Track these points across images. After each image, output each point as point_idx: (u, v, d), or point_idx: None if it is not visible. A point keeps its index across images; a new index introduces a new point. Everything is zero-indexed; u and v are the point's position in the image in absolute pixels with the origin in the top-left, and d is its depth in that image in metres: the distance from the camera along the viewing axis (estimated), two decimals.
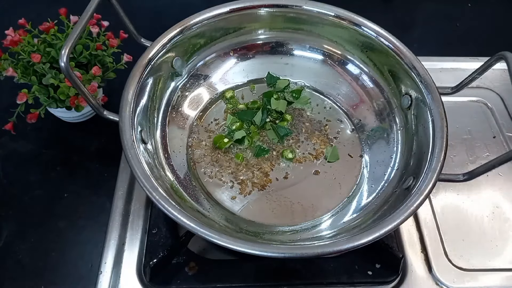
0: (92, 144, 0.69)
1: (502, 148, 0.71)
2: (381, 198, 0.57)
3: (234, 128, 0.65)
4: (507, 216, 0.64)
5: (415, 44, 0.61)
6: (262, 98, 0.69)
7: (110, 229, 0.60)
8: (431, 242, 0.60)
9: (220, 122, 0.67)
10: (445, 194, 0.65)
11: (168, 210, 0.45)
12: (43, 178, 0.65)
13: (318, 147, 0.65)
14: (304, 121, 0.68)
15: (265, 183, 0.61)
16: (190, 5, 0.74)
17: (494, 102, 0.77)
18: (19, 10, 0.87)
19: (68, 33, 0.64)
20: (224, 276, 0.56)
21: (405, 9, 0.95)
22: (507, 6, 0.96)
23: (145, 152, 0.53)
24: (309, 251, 0.44)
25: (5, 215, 0.61)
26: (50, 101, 0.61)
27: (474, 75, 0.56)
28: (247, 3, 0.64)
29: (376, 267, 0.57)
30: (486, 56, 0.54)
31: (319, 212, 0.59)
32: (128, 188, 0.63)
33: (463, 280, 0.58)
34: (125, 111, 0.52)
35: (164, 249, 0.56)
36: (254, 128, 0.65)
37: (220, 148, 0.63)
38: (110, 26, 0.67)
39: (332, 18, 0.64)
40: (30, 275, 0.57)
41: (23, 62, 0.61)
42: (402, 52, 0.60)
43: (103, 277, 0.56)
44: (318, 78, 0.71)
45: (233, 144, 0.64)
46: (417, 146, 0.57)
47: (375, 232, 0.45)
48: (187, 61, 0.66)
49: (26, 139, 0.69)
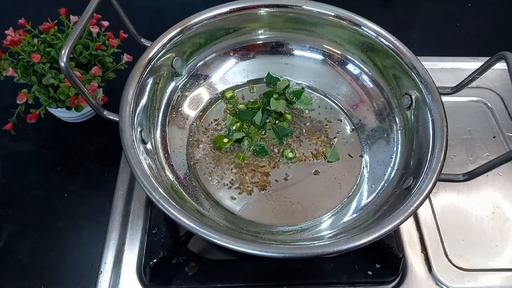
0: (92, 144, 0.69)
1: (502, 148, 0.71)
2: (381, 198, 0.57)
3: (234, 129, 0.65)
4: (507, 216, 0.64)
5: (415, 44, 0.61)
6: (262, 98, 0.69)
7: (110, 229, 0.60)
8: (431, 242, 0.60)
9: (220, 122, 0.67)
10: (445, 194, 0.65)
11: (168, 210, 0.45)
12: (43, 178, 0.65)
13: (318, 147, 0.65)
14: (304, 121, 0.68)
15: (265, 183, 0.61)
16: (190, 5, 0.74)
17: (494, 102, 0.77)
18: (19, 10, 0.87)
19: (68, 33, 0.64)
20: (224, 276, 0.56)
21: (405, 9, 0.95)
22: (507, 6, 0.96)
23: (145, 152, 0.53)
24: (309, 251, 0.44)
25: (5, 215, 0.61)
26: (50, 101, 0.61)
27: (474, 75, 0.56)
28: (247, 3, 0.64)
29: (376, 267, 0.57)
30: (486, 56, 0.54)
31: (319, 212, 0.59)
32: (128, 188, 0.63)
33: (463, 280, 0.58)
34: (125, 111, 0.52)
35: (164, 249, 0.56)
36: (254, 128, 0.65)
37: (220, 148, 0.63)
38: (110, 26, 0.67)
39: (332, 18, 0.64)
40: (30, 275, 0.57)
41: (23, 62, 0.61)
42: (402, 52, 0.60)
43: (103, 277, 0.56)
44: (318, 78, 0.71)
45: (233, 144, 0.64)
46: (417, 146, 0.57)
47: (375, 232, 0.45)
48: (187, 61, 0.66)
49: (26, 139, 0.69)
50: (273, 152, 0.64)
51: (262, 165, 0.62)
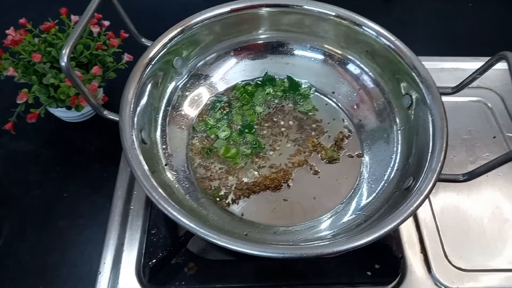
0: (92, 144, 0.69)
1: (502, 148, 0.71)
2: (381, 199, 0.57)
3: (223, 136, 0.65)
4: (507, 217, 0.64)
5: (415, 44, 0.61)
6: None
7: (110, 229, 0.59)
8: (431, 242, 0.60)
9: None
10: (445, 194, 0.65)
11: (168, 210, 0.45)
12: (43, 178, 0.65)
13: (318, 147, 0.65)
14: (304, 121, 0.68)
15: (266, 183, 0.61)
16: (191, 5, 0.74)
17: (495, 102, 0.77)
18: (20, 10, 0.87)
19: (69, 33, 0.64)
20: (224, 277, 0.56)
21: (405, 9, 0.95)
22: (507, 6, 0.96)
23: (145, 152, 0.53)
24: (309, 251, 0.44)
25: (5, 215, 0.61)
26: (51, 101, 0.61)
27: (474, 75, 0.56)
28: (248, 3, 0.64)
29: (375, 268, 0.57)
30: (487, 56, 0.54)
31: (319, 212, 0.59)
32: (127, 188, 0.63)
33: (463, 280, 0.58)
34: (125, 111, 0.52)
35: (164, 249, 0.56)
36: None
37: (233, 160, 0.62)
38: (110, 26, 0.67)
39: (332, 17, 0.64)
40: (30, 274, 0.57)
41: (23, 62, 0.61)
42: (402, 52, 0.60)
43: (102, 277, 0.56)
44: (319, 78, 0.71)
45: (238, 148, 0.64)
46: (417, 146, 0.57)
47: (374, 233, 0.45)
48: (188, 60, 0.66)
49: (26, 139, 0.69)
50: (273, 152, 0.64)
51: (262, 166, 0.62)
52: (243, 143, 0.64)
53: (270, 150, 0.64)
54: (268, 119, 0.68)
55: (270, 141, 0.65)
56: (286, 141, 0.65)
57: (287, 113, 0.68)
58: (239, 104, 0.68)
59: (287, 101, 0.70)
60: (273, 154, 0.64)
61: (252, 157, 0.63)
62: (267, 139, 0.65)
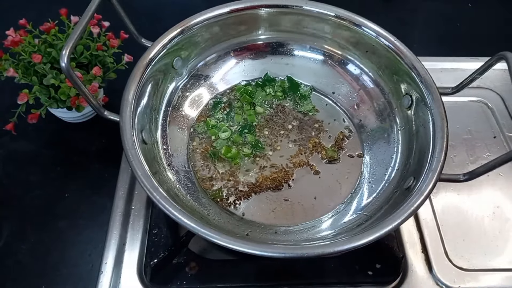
0: (93, 144, 0.69)
1: (503, 148, 0.71)
2: (382, 198, 0.57)
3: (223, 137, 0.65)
4: (508, 216, 0.64)
5: (415, 44, 0.61)
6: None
7: (111, 229, 0.59)
8: (432, 242, 0.60)
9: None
10: (445, 194, 0.65)
11: (169, 210, 0.45)
12: (43, 178, 0.65)
13: (318, 147, 0.65)
14: (304, 121, 0.68)
15: (266, 183, 0.61)
16: (191, 5, 0.74)
17: (495, 102, 0.77)
18: (20, 11, 0.87)
19: (69, 34, 0.64)
20: (225, 276, 0.56)
21: (405, 9, 0.95)
22: (507, 6, 0.96)
23: (145, 152, 0.53)
24: (309, 251, 0.44)
25: (5, 215, 0.61)
26: (51, 102, 0.61)
27: (474, 75, 0.56)
28: (247, 3, 0.64)
29: (376, 267, 0.57)
30: (486, 56, 0.54)
31: (319, 212, 0.59)
32: (128, 188, 0.63)
33: (464, 280, 0.58)
34: (126, 112, 0.52)
35: (165, 249, 0.56)
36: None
37: (234, 160, 0.62)
38: (110, 27, 0.67)
39: (332, 18, 0.64)
40: (31, 275, 0.57)
41: (24, 63, 0.61)
42: (402, 52, 0.60)
43: (104, 277, 0.56)
44: (319, 78, 0.71)
45: (237, 147, 0.64)
46: (418, 146, 0.57)
47: (375, 232, 0.45)
48: (188, 61, 0.66)
49: (27, 139, 0.69)
50: (273, 153, 0.64)
51: (262, 166, 0.62)
52: (244, 143, 0.64)
53: (271, 150, 0.64)
54: (268, 119, 0.68)
55: (270, 142, 0.65)
56: (286, 141, 0.66)
57: (288, 114, 0.69)
58: (239, 104, 0.68)
59: (287, 101, 0.70)
60: (273, 154, 0.64)
61: (253, 158, 0.63)
62: (268, 140, 0.65)
